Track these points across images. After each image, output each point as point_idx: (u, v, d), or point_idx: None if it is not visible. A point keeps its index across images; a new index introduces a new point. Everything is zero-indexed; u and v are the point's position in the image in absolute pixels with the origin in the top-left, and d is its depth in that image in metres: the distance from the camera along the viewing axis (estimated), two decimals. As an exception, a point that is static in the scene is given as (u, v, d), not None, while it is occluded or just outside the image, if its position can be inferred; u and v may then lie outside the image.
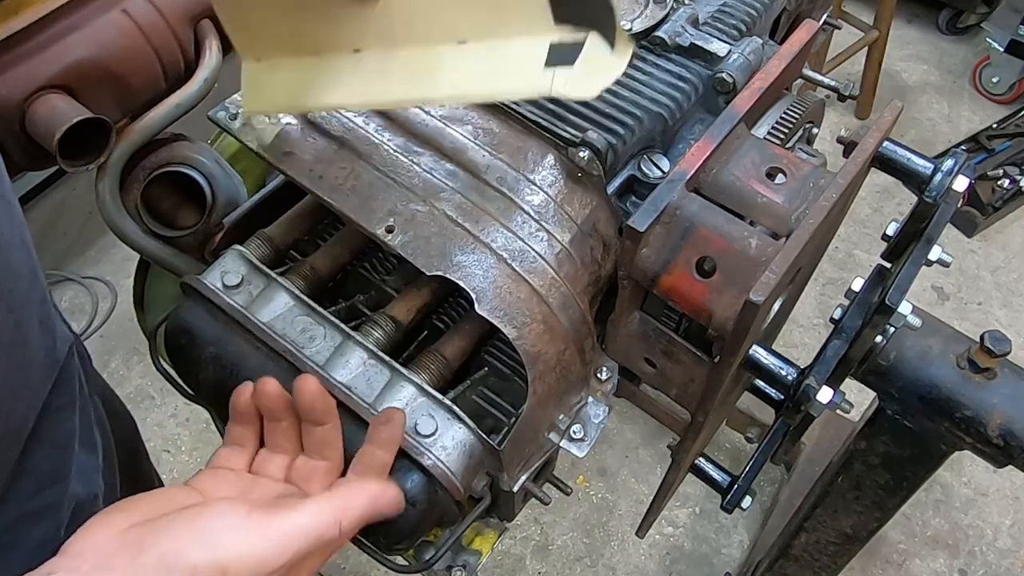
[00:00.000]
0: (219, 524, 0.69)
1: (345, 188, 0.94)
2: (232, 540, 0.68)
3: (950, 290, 3.00)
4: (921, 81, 3.75)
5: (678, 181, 0.86)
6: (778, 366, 0.92)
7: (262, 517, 0.70)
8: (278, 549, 0.69)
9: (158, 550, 0.67)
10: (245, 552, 0.68)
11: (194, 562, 0.66)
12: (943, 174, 0.92)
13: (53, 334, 0.86)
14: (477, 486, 0.94)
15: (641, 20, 1.05)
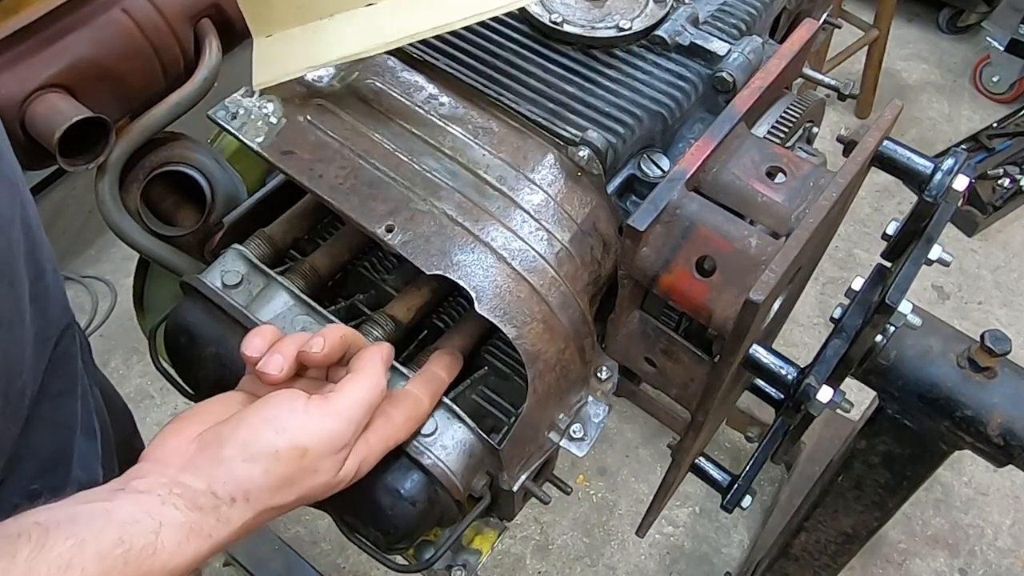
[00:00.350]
0: (287, 411, 0.75)
1: (345, 187, 0.94)
2: (304, 423, 0.74)
3: (950, 289, 3.00)
4: (921, 80, 3.75)
5: (678, 180, 0.86)
6: (778, 365, 0.92)
7: (321, 401, 0.76)
8: (344, 423, 0.76)
9: (238, 442, 0.72)
10: (317, 431, 0.74)
11: (275, 446, 0.72)
12: (943, 173, 0.92)
13: (45, 313, 0.87)
14: (477, 485, 0.94)
15: (641, 19, 1.05)
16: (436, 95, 1.01)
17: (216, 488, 0.70)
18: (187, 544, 0.67)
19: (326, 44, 0.95)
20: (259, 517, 0.73)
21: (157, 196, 1.10)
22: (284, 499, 0.74)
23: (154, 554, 0.65)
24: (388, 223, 0.91)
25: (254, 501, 0.72)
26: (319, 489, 0.77)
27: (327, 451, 0.75)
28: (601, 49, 1.05)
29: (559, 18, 1.04)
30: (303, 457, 0.74)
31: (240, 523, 0.71)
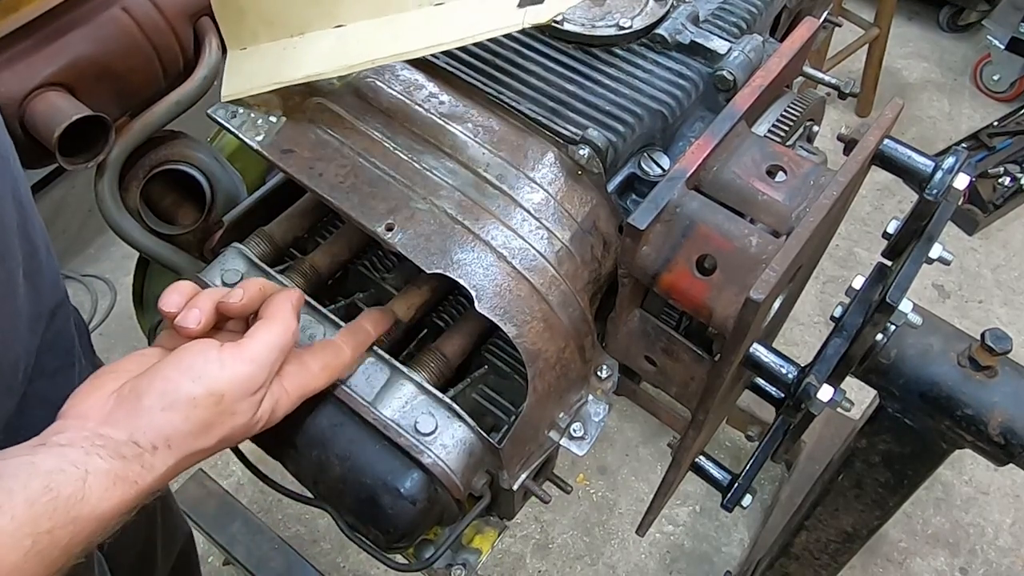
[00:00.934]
0: (201, 360, 0.77)
1: (345, 186, 0.93)
2: (218, 369, 0.77)
3: (951, 288, 3.00)
4: (922, 79, 3.75)
5: (678, 179, 0.86)
6: (779, 364, 0.92)
7: (234, 347, 0.79)
8: (257, 367, 0.78)
9: (156, 392, 0.74)
10: (231, 376, 0.77)
11: (192, 394, 0.75)
12: (944, 172, 0.92)
13: (39, 289, 0.87)
14: (477, 484, 0.94)
15: (641, 17, 1.05)
16: (436, 93, 1.01)
17: (137, 437, 0.73)
18: (114, 490, 0.69)
19: (293, 62, 0.97)
20: (182, 462, 0.75)
21: (157, 194, 1.10)
22: (205, 443, 0.76)
23: (82, 500, 0.67)
24: (388, 222, 0.91)
25: (175, 447, 0.74)
26: (238, 431, 0.79)
27: (242, 394, 0.78)
28: (601, 47, 1.05)
29: (559, 16, 1.04)
30: (220, 402, 0.76)
31: (164, 468, 0.73)
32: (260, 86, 0.98)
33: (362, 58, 0.93)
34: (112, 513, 0.69)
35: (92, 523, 0.68)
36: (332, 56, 0.95)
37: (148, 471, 0.72)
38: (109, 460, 0.70)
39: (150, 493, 0.73)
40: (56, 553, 0.65)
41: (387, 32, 0.93)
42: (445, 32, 0.90)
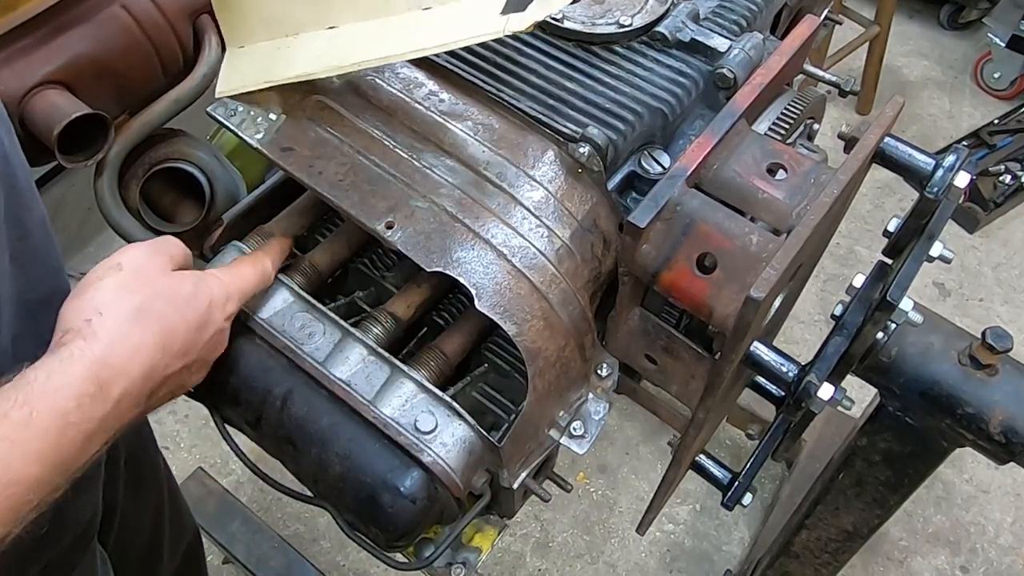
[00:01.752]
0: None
1: (345, 184, 0.93)
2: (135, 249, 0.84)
3: (951, 286, 3.00)
4: (922, 77, 3.74)
5: (679, 177, 0.86)
6: (779, 363, 0.91)
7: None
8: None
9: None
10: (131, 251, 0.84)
11: (111, 263, 0.82)
12: (944, 170, 0.92)
13: (29, 275, 0.88)
14: (477, 483, 0.94)
15: (642, 15, 1.05)
16: (436, 91, 1.01)
17: (66, 327, 0.76)
18: (60, 367, 0.71)
19: (285, 62, 0.98)
20: (132, 325, 0.77)
21: (156, 193, 1.09)
22: (134, 301, 0.78)
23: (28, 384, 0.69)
24: (388, 220, 0.91)
25: (107, 311, 0.76)
26: (160, 287, 0.81)
27: (139, 257, 0.83)
28: (601, 45, 1.05)
29: (559, 14, 1.04)
30: (120, 268, 0.81)
31: (109, 331, 0.75)
32: (252, 84, 0.99)
33: (350, 60, 0.94)
34: (72, 383, 0.71)
35: (51, 397, 0.69)
36: (322, 57, 0.96)
37: (91, 339, 0.74)
38: (48, 356, 0.72)
39: (110, 365, 0.74)
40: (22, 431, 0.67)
41: (375, 35, 0.94)
42: (428, 37, 0.91)
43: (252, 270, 0.93)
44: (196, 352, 0.84)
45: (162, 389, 0.82)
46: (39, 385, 0.69)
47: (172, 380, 0.82)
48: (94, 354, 0.73)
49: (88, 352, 0.73)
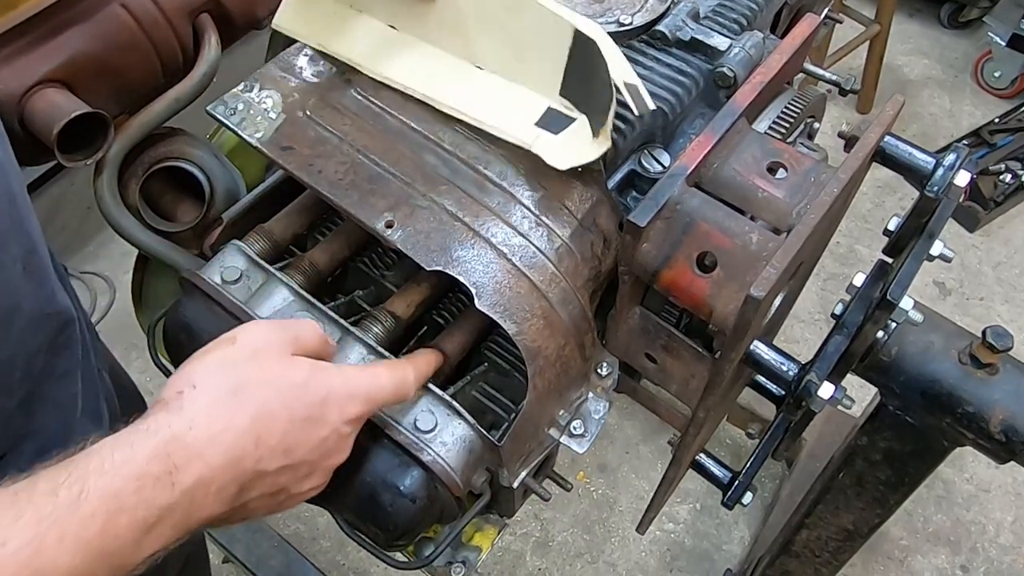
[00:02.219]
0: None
1: (344, 183, 0.93)
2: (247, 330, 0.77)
3: (952, 285, 3.00)
4: (923, 76, 3.74)
5: (679, 176, 0.86)
6: (779, 362, 0.91)
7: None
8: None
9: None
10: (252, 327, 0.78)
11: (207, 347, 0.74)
12: (945, 169, 0.92)
13: (42, 286, 0.85)
14: (477, 482, 0.94)
15: (642, 14, 1.05)
16: (436, 90, 1.00)
17: (161, 396, 0.70)
18: (127, 440, 0.64)
19: (343, 38, 0.99)
20: (223, 406, 0.69)
21: (156, 192, 1.09)
22: (234, 379, 0.71)
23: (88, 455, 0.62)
24: (388, 219, 0.91)
25: (200, 385, 0.69)
26: (268, 370, 0.73)
27: (257, 335, 0.76)
28: (601, 44, 1.05)
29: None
30: (233, 342, 0.74)
31: (196, 406, 0.68)
32: (305, 37, 1.01)
33: (393, 75, 0.95)
34: (134, 461, 0.63)
35: (107, 474, 0.61)
36: (374, 55, 0.97)
37: (175, 412, 0.67)
38: (128, 426, 0.66)
39: (186, 446, 0.65)
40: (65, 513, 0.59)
41: (423, 64, 0.95)
42: (467, 101, 0.92)
43: (389, 375, 0.82)
44: (302, 453, 0.73)
45: (255, 489, 0.71)
46: (101, 459, 0.62)
47: (269, 481, 0.72)
48: (171, 431, 0.65)
49: (165, 427, 0.65)
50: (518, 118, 0.90)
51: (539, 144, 0.88)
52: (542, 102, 0.91)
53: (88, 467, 0.61)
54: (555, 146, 0.88)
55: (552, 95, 0.91)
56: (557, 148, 0.87)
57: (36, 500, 0.59)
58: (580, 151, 0.88)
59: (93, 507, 0.60)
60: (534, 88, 0.92)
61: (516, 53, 0.94)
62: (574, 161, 0.88)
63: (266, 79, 1.01)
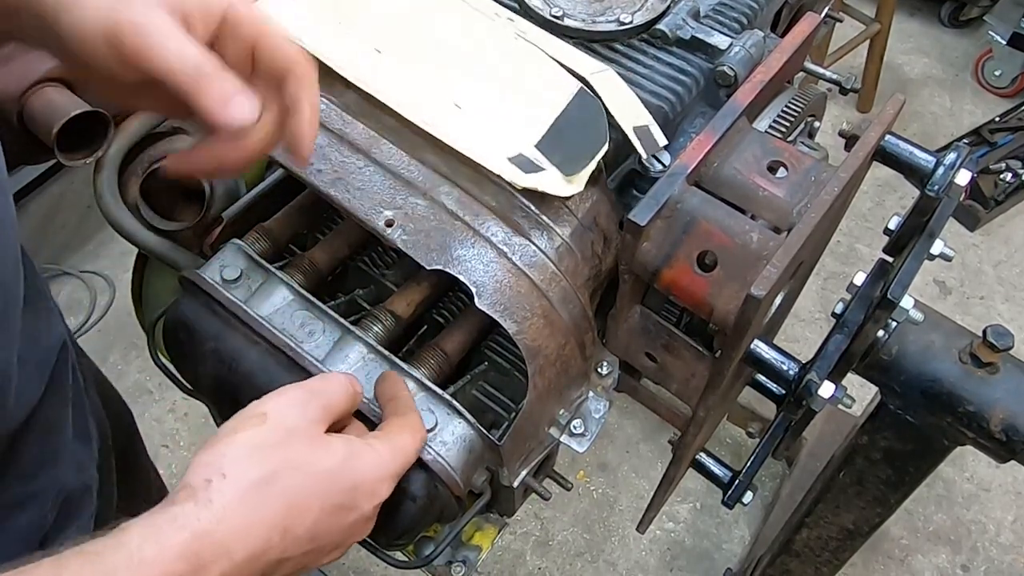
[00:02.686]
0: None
1: (344, 182, 0.93)
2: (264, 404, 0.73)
3: (952, 284, 3.00)
4: (923, 74, 3.74)
5: (679, 175, 0.86)
6: (779, 361, 0.91)
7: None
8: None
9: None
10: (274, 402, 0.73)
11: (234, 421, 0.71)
12: (945, 168, 0.91)
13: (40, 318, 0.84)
14: (477, 481, 0.94)
15: (642, 13, 1.04)
16: (436, 89, 1.00)
17: (187, 481, 0.66)
18: (157, 532, 0.61)
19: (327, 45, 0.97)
20: (252, 497, 0.66)
21: (156, 191, 1.09)
22: (264, 467, 0.68)
23: (117, 548, 0.59)
24: (388, 218, 0.91)
25: (230, 475, 0.66)
26: (301, 455, 0.70)
27: (289, 410, 0.72)
28: (601, 43, 1.05)
29: (559, 12, 1.04)
30: (263, 420, 0.70)
31: (226, 499, 0.65)
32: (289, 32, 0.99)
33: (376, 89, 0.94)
34: (162, 559, 0.60)
35: (134, 572, 0.59)
36: (349, 62, 0.95)
37: (203, 505, 0.64)
38: (156, 513, 0.63)
39: (214, 542, 0.63)
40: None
41: (406, 86, 0.94)
42: (444, 126, 0.91)
43: (413, 441, 0.81)
44: (329, 538, 0.72)
45: (276, 573, 0.69)
46: (129, 555, 0.59)
47: (291, 564, 0.70)
48: (200, 526, 0.62)
49: (194, 521, 0.63)
50: (492, 152, 0.90)
51: (509, 174, 0.88)
52: (515, 146, 0.91)
53: (116, 564, 0.59)
54: (524, 179, 0.88)
55: (526, 145, 0.91)
56: (524, 180, 0.88)
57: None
58: (549, 188, 0.89)
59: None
60: (510, 132, 0.92)
61: (505, 101, 0.94)
62: (538, 187, 0.88)
63: (266, 78, 1.00)
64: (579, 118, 0.92)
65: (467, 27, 0.98)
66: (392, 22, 0.99)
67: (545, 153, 0.91)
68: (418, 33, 0.98)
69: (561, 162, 0.90)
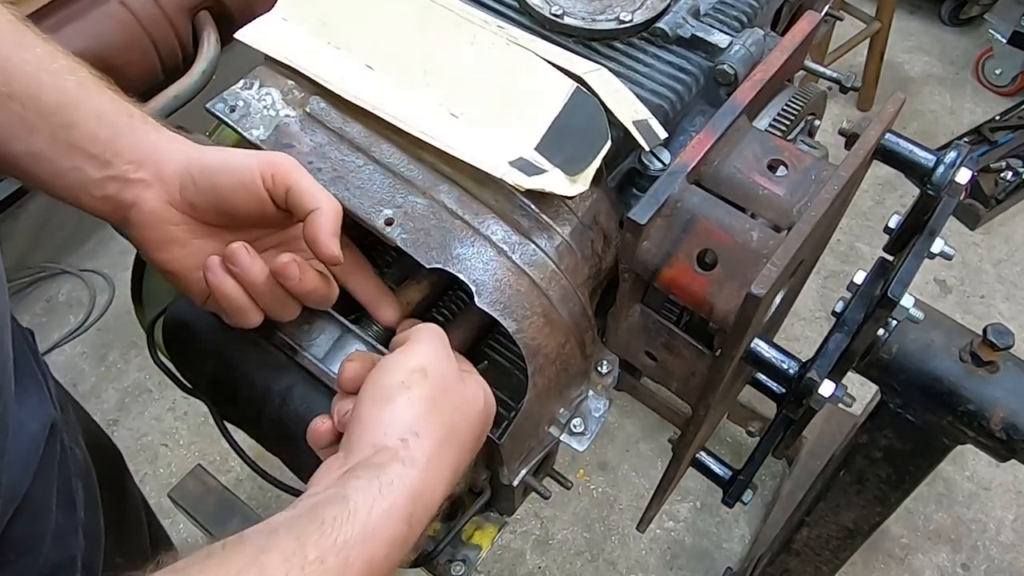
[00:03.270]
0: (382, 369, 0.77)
1: (344, 180, 0.93)
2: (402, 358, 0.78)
3: (953, 283, 3.00)
4: (923, 73, 3.74)
5: (679, 173, 0.86)
6: (779, 359, 0.91)
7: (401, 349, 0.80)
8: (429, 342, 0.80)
9: (367, 409, 0.74)
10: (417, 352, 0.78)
11: (398, 380, 0.75)
12: (946, 166, 0.91)
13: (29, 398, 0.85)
14: (477, 480, 0.93)
15: (642, 11, 1.04)
16: (435, 88, 1.00)
17: (381, 442, 0.70)
18: (380, 498, 0.66)
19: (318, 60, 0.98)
20: (444, 452, 0.73)
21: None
22: (445, 419, 0.74)
23: (349, 518, 0.63)
24: (387, 216, 0.90)
25: (423, 433, 0.71)
26: (462, 404, 0.78)
27: (437, 360, 0.77)
28: (601, 42, 1.05)
29: (559, 10, 1.04)
30: (425, 375, 0.75)
31: (426, 458, 0.70)
32: (278, 54, 0.99)
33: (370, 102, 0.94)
34: (389, 524, 0.65)
35: (369, 541, 0.64)
36: (342, 79, 0.96)
37: (410, 465, 0.69)
38: (366, 476, 0.67)
39: (423, 499, 0.69)
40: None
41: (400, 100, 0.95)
42: (438, 132, 0.92)
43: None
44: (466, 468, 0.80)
45: None
46: (359, 522, 0.64)
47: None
48: (413, 486, 0.68)
49: (408, 481, 0.68)
50: (491, 157, 0.90)
51: (511, 177, 0.88)
52: (515, 150, 0.91)
53: (354, 529, 0.63)
54: (527, 182, 0.88)
55: (526, 148, 0.92)
56: (528, 183, 0.88)
57: (308, 570, 0.60)
58: (554, 188, 0.89)
59: (355, 574, 0.62)
60: (509, 137, 0.93)
61: (502, 106, 0.94)
62: (543, 188, 0.89)
63: (266, 76, 1.00)
64: (578, 117, 0.92)
65: (457, 37, 0.98)
66: (382, 38, 0.99)
67: (546, 155, 0.91)
68: (409, 47, 0.98)
69: (563, 162, 0.90)
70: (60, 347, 2.74)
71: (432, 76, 0.96)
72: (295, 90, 0.99)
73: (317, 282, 0.84)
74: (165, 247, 0.84)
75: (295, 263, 0.81)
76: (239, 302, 0.82)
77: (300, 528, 0.62)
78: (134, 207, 0.82)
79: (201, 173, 0.81)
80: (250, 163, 0.80)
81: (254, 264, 0.80)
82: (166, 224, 0.83)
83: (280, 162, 0.81)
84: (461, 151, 0.90)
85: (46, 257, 2.93)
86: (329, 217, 0.80)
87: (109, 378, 2.68)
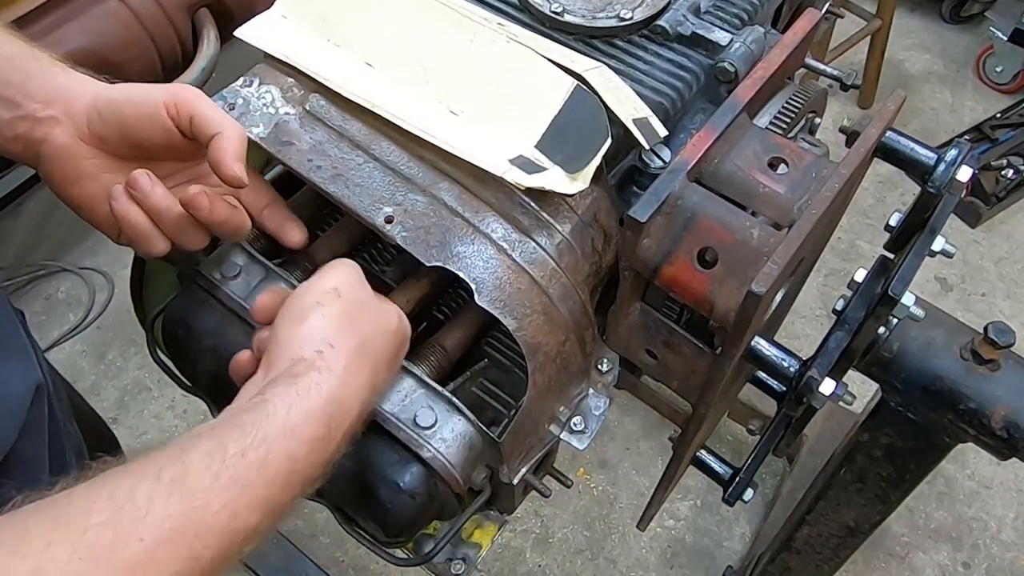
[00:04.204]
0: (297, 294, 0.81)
1: (344, 178, 0.93)
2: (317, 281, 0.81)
3: (953, 281, 2.99)
4: (924, 70, 3.73)
5: (679, 171, 0.86)
6: (780, 358, 0.91)
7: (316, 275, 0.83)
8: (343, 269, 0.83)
9: (284, 328, 0.77)
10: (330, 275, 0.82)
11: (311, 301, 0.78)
12: (946, 164, 0.91)
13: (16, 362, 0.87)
14: (477, 478, 0.93)
15: (642, 9, 1.04)
16: (435, 85, 1.00)
17: (296, 355, 0.73)
18: (299, 401, 0.69)
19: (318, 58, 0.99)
20: (356, 366, 0.75)
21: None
22: (357, 336, 0.76)
23: (267, 417, 0.66)
24: (387, 214, 0.90)
25: (337, 345, 0.74)
26: (375, 321, 0.80)
27: (350, 281, 0.81)
28: (602, 39, 1.04)
29: (560, 8, 1.04)
30: (339, 295, 0.78)
31: (342, 369, 0.73)
32: (273, 50, 0.99)
33: (370, 101, 0.95)
34: (308, 424, 0.68)
35: (289, 437, 0.67)
36: (342, 78, 0.96)
37: (326, 373, 0.72)
38: (284, 383, 0.70)
39: (341, 404, 0.72)
40: (255, 475, 0.64)
41: (400, 98, 0.95)
42: (438, 130, 0.92)
43: None
44: (384, 386, 0.84)
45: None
46: (279, 421, 0.67)
47: (367, 414, 0.80)
48: (330, 391, 0.71)
49: (325, 387, 0.71)
50: (491, 155, 0.90)
51: (511, 175, 0.88)
52: (515, 147, 0.92)
53: (271, 427, 0.66)
54: (527, 180, 0.88)
55: (526, 146, 0.92)
56: (528, 181, 0.88)
57: (229, 463, 0.63)
58: (554, 186, 0.89)
59: (276, 469, 0.65)
60: (510, 135, 0.93)
61: (502, 104, 0.94)
62: (555, 188, 0.89)
63: (265, 74, 1.00)
64: (578, 115, 0.92)
65: (457, 34, 0.98)
66: (382, 36, 0.99)
67: (546, 152, 0.91)
68: (408, 45, 0.98)
69: (563, 160, 0.90)
70: (59, 345, 2.73)
71: (432, 74, 0.96)
72: (295, 88, 0.99)
73: (227, 213, 0.86)
74: (76, 181, 0.86)
75: (204, 194, 0.83)
76: (144, 229, 0.84)
77: (221, 431, 0.65)
78: (44, 143, 0.84)
79: (107, 106, 0.83)
80: (154, 94, 0.82)
81: (155, 189, 0.82)
82: (77, 158, 0.85)
83: (183, 92, 0.83)
84: (461, 149, 0.90)
85: (45, 255, 2.92)
86: (232, 140, 0.81)
87: (108, 376, 2.68)
